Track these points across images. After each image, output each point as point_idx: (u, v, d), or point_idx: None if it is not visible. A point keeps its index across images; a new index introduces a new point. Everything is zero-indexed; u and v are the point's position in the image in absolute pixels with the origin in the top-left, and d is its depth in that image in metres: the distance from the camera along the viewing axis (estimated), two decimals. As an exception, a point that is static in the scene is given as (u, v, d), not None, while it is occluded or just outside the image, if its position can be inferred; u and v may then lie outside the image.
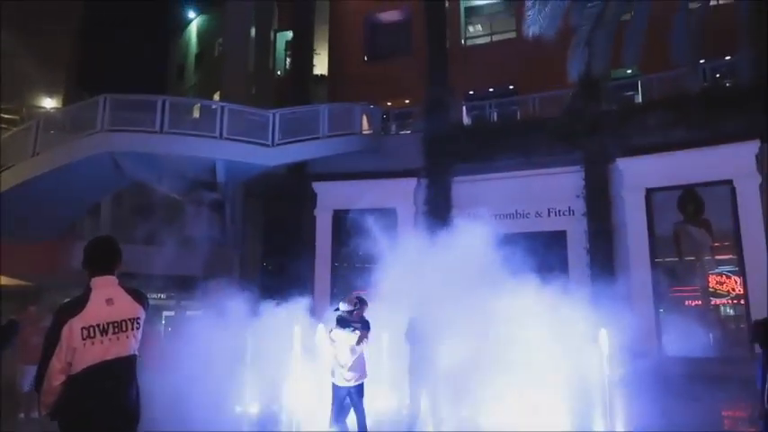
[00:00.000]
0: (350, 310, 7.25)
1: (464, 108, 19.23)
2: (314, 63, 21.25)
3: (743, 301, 13.69)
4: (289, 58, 25.37)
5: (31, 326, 8.99)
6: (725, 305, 14.12)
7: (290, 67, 24.76)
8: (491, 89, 20.74)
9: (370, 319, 7.37)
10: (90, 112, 15.29)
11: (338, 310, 7.34)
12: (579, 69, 15.05)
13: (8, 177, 14.86)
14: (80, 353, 3.33)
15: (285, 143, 16.60)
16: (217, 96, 23.84)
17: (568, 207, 15.77)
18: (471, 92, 20.93)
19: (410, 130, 19.50)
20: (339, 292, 14.90)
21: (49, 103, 23.31)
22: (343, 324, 7.11)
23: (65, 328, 3.32)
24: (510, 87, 20.39)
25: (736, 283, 13.93)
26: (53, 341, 3.34)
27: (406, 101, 21.24)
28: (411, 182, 17.11)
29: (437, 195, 16.70)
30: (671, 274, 14.79)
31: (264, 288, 9.44)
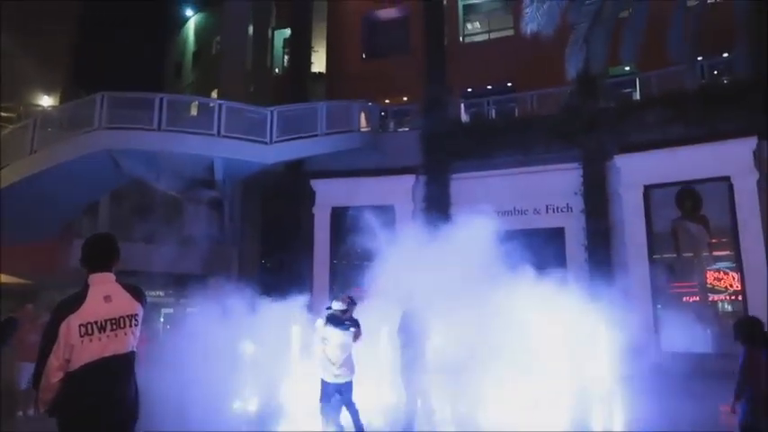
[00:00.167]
0: (343, 309, 7.32)
1: (462, 105, 19.23)
2: (312, 61, 21.21)
3: (740, 297, 13.73)
4: (287, 56, 25.35)
5: (29, 324, 8.99)
6: (723, 301, 14.15)
7: (287, 64, 24.74)
8: (489, 86, 20.71)
9: (363, 318, 7.45)
10: (87, 110, 15.27)
11: (330, 308, 7.39)
12: (577, 67, 15.05)
13: (6, 175, 14.84)
14: (78, 350, 3.32)
15: (283, 141, 16.60)
16: (215, 94, 23.81)
17: (566, 204, 15.79)
18: (469, 89, 20.91)
19: (408, 128, 19.50)
20: (338, 290, 14.91)
21: (46, 101, 23.28)
22: (335, 322, 7.17)
23: (63, 326, 3.31)
24: (508, 85, 20.35)
25: (733, 279, 13.96)
26: (51, 338, 3.33)
27: (405, 98, 21.21)
28: (409, 179, 17.11)
29: (435, 192, 16.71)
30: (669, 270, 14.82)
31: (263, 285, 9.44)
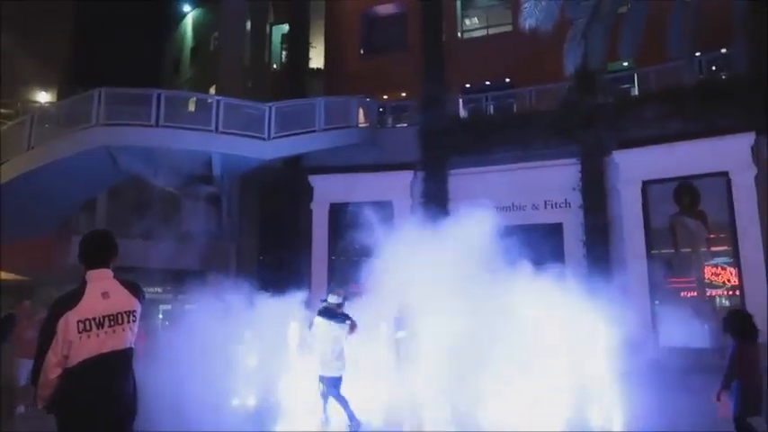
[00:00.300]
0: (338, 302, 7.39)
1: (460, 101, 19.23)
2: (310, 56, 21.18)
3: (738, 292, 13.76)
4: (284, 52, 25.26)
5: (26, 320, 8.97)
6: (720, 296, 14.18)
7: (285, 60, 24.64)
8: (487, 82, 20.70)
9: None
10: (85, 106, 15.22)
11: (325, 301, 7.44)
12: (575, 62, 15.02)
13: (3, 172, 14.80)
14: (76, 346, 3.33)
15: (281, 137, 16.58)
16: (212, 90, 23.75)
17: (565, 199, 15.80)
18: (468, 85, 20.89)
19: (406, 124, 19.49)
20: (336, 286, 14.91)
21: (43, 97, 23.22)
22: (329, 315, 7.21)
23: (61, 322, 3.32)
24: (506, 80, 20.34)
25: (731, 274, 13.99)
26: (49, 334, 3.33)
27: (403, 94, 21.20)
28: (407, 175, 17.11)
29: (433, 188, 16.71)
30: (667, 265, 14.84)
31: (261, 281, 9.44)
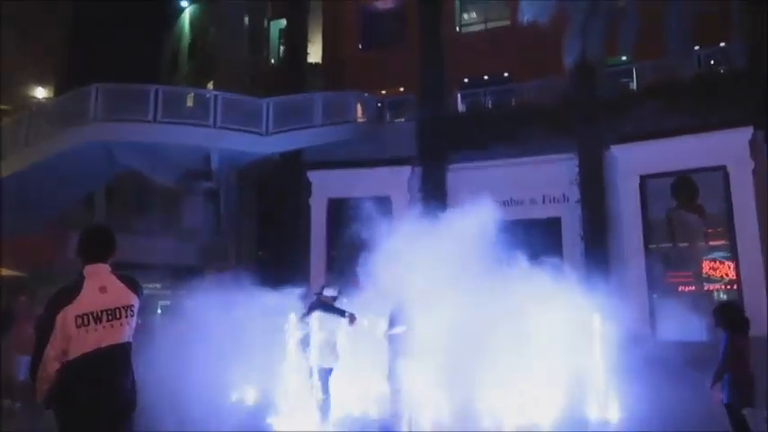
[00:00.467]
0: (333, 296, 7.44)
1: (459, 96, 19.18)
2: (308, 51, 21.12)
3: (736, 287, 13.78)
4: (282, 47, 25.19)
5: (23, 316, 8.97)
6: (718, 290, 14.21)
7: (283, 55, 24.57)
8: (486, 77, 20.67)
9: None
10: (82, 102, 15.20)
11: (320, 294, 7.48)
12: (574, 57, 15.05)
13: (2, 168, 14.80)
14: (75, 340, 3.33)
15: (279, 132, 16.57)
16: (210, 85, 23.71)
17: (563, 194, 15.79)
18: (466, 80, 20.86)
19: (405, 119, 19.46)
20: (332, 280, 14.93)
21: (40, 93, 23.17)
22: (326, 308, 7.26)
23: (59, 316, 3.32)
24: (505, 75, 20.31)
25: (729, 268, 14.01)
26: (47, 329, 3.34)
27: (401, 89, 21.16)
28: (405, 170, 17.10)
29: (432, 183, 16.69)
30: (665, 260, 14.87)
31: (260, 276, 9.45)
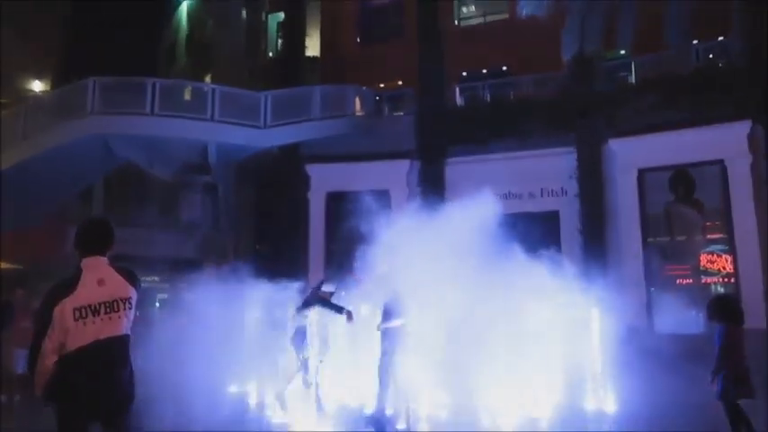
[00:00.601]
0: (331, 292, 7.49)
1: (457, 90, 19.15)
2: (306, 45, 21.05)
3: (733, 280, 13.81)
4: (280, 40, 25.11)
5: (21, 309, 8.96)
6: (716, 284, 14.24)
7: (281, 48, 24.50)
8: (484, 70, 20.62)
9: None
10: (79, 95, 15.17)
11: (319, 288, 7.51)
12: (572, 50, 15.04)
13: (1, 161, 14.77)
14: (73, 333, 3.34)
15: (277, 125, 16.55)
16: (208, 79, 23.64)
17: (561, 188, 15.79)
18: (464, 73, 20.81)
19: (403, 112, 19.43)
20: (333, 274, 14.93)
21: (37, 86, 23.09)
22: (324, 304, 7.31)
23: (56, 309, 3.33)
24: (503, 69, 20.27)
25: (726, 261, 14.03)
26: (45, 322, 3.35)
27: (399, 82, 21.12)
28: (404, 164, 17.07)
29: (430, 177, 16.67)
30: (662, 253, 14.89)
31: (258, 270, 9.45)
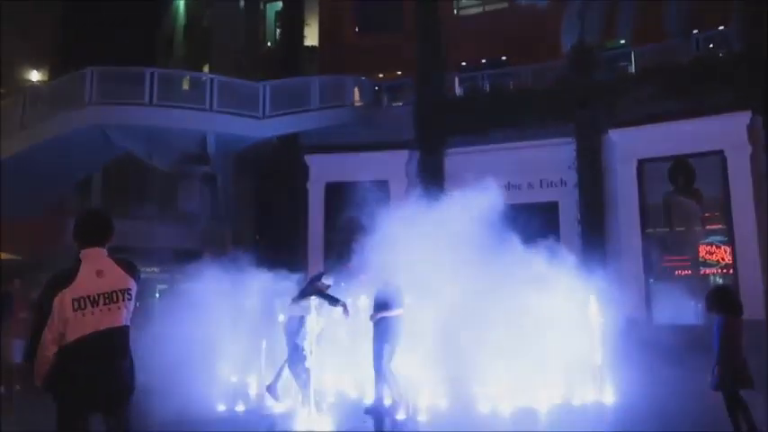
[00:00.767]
0: (329, 284, 7.53)
1: (456, 80, 19.08)
2: (304, 34, 20.95)
3: (732, 271, 13.85)
4: (279, 30, 24.98)
5: (18, 300, 8.96)
6: (714, 274, 14.27)
7: (280, 38, 24.38)
8: (483, 60, 20.56)
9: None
10: (77, 85, 15.11)
11: (318, 280, 7.56)
12: (572, 40, 14.99)
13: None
14: (72, 324, 3.35)
15: (276, 116, 16.52)
16: (206, 68, 23.55)
17: (560, 178, 15.79)
18: (464, 63, 20.74)
19: (402, 103, 19.37)
20: (332, 265, 14.93)
21: (35, 76, 22.98)
22: (323, 296, 7.34)
23: (56, 300, 3.34)
24: (503, 58, 20.20)
25: (725, 252, 14.06)
26: (45, 312, 3.36)
27: (398, 72, 21.05)
28: (403, 154, 17.06)
29: (429, 167, 16.67)
30: (661, 244, 14.91)
31: (257, 260, 9.45)
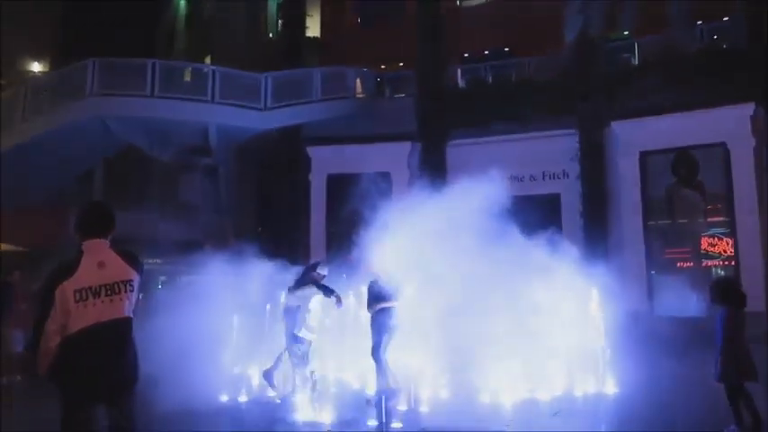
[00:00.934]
0: (324, 275, 7.54)
1: (459, 71, 19.03)
2: (306, 25, 20.89)
3: (734, 263, 13.84)
4: (281, 21, 24.89)
5: (18, 291, 8.99)
6: (717, 266, 14.26)
7: (282, 29, 24.29)
8: (486, 51, 20.49)
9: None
10: (79, 77, 15.08)
11: (314, 269, 7.57)
12: (575, 31, 14.91)
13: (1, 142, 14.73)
14: (74, 315, 3.36)
15: (277, 107, 16.49)
16: (208, 60, 23.49)
17: (563, 170, 15.76)
18: (466, 54, 20.68)
19: (404, 94, 19.32)
20: (334, 256, 14.93)
21: (36, 67, 22.93)
22: (319, 286, 7.37)
23: (57, 291, 3.35)
24: (505, 50, 20.13)
25: (727, 244, 14.05)
26: (47, 304, 3.38)
27: (401, 64, 20.98)
28: (405, 146, 17.03)
29: (431, 159, 16.63)
30: (664, 236, 14.90)
31: (259, 252, 9.45)
